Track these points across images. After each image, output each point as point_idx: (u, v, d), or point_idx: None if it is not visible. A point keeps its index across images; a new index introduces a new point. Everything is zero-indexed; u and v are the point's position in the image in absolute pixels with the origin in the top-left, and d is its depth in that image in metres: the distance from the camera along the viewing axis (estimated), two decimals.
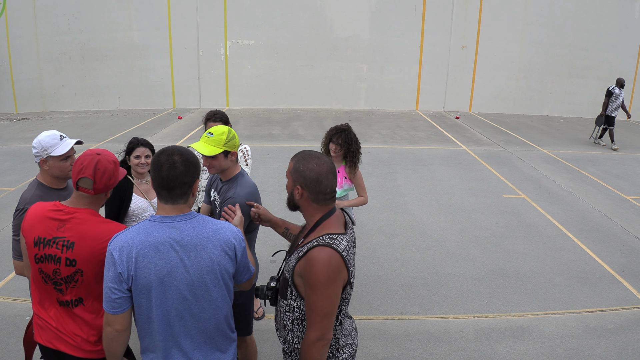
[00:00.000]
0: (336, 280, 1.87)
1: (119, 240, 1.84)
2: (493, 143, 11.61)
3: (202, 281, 1.87)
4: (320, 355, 1.90)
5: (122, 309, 1.84)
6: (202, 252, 1.86)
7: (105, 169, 2.08)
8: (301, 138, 11.39)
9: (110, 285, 1.81)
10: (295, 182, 1.99)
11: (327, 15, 16.13)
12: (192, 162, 1.90)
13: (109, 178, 2.10)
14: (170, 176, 1.85)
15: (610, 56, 16.47)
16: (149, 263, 1.80)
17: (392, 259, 5.33)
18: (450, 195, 7.52)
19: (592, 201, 7.47)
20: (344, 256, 1.90)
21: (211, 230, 1.90)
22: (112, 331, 1.87)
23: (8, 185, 7.63)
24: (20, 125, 13.61)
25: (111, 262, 1.82)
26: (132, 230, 1.86)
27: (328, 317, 1.89)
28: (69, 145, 2.62)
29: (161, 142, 10.65)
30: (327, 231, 1.95)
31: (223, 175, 2.84)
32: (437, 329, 4.08)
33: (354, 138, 4.10)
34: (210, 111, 3.93)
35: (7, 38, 15.68)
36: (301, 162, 1.99)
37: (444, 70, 16.65)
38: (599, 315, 4.35)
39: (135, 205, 3.34)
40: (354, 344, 2.14)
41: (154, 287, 1.82)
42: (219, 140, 2.66)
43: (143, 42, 15.98)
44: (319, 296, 1.86)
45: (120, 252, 1.80)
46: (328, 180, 1.97)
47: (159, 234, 1.83)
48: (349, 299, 2.03)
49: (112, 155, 2.17)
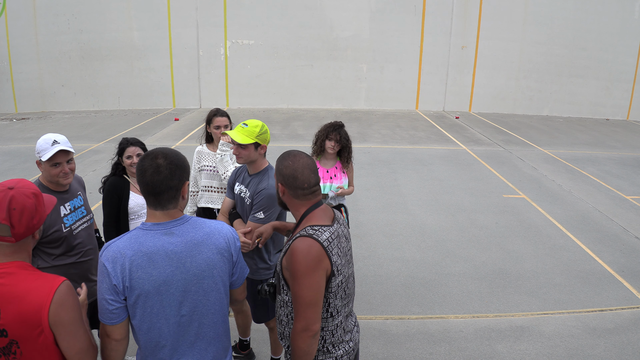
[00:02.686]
0: (316, 270, 1.89)
1: (111, 251, 1.75)
2: (493, 143, 11.61)
3: (200, 286, 1.83)
4: (306, 346, 1.91)
5: (120, 318, 1.78)
6: (198, 257, 1.81)
7: (24, 206, 1.63)
8: (301, 138, 11.38)
9: (106, 297, 1.74)
10: (277, 180, 2.09)
11: (327, 15, 16.13)
12: (177, 164, 1.80)
13: (31, 217, 1.65)
14: (155, 181, 1.75)
15: (609, 56, 16.48)
16: (144, 274, 1.74)
17: (392, 259, 5.33)
18: (450, 195, 7.52)
19: (592, 201, 7.47)
20: (325, 246, 1.92)
21: (205, 234, 1.85)
22: (111, 342, 1.80)
23: None
24: (20, 125, 13.61)
25: (105, 274, 1.74)
26: (123, 239, 1.78)
27: (311, 307, 1.89)
28: (52, 152, 2.54)
29: (161, 142, 10.66)
30: (309, 223, 2.00)
31: (251, 168, 2.93)
32: (437, 328, 4.08)
33: (347, 134, 4.24)
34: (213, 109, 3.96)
35: (7, 38, 15.69)
36: (279, 162, 2.09)
37: (444, 70, 16.65)
38: (599, 315, 4.35)
39: (134, 203, 3.38)
40: (352, 342, 2.13)
41: (150, 297, 1.76)
42: (252, 132, 2.80)
43: (143, 42, 15.99)
44: (300, 286, 1.88)
45: (114, 264, 1.73)
46: (304, 175, 2.02)
47: (152, 243, 1.76)
48: (336, 291, 2.00)
49: (30, 185, 1.70)
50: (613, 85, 16.80)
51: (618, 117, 17.01)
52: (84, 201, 2.86)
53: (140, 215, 3.43)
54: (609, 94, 16.88)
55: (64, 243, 2.66)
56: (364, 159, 9.41)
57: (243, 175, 3.03)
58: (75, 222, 2.74)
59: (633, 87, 16.81)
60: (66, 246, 2.67)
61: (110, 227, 3.33)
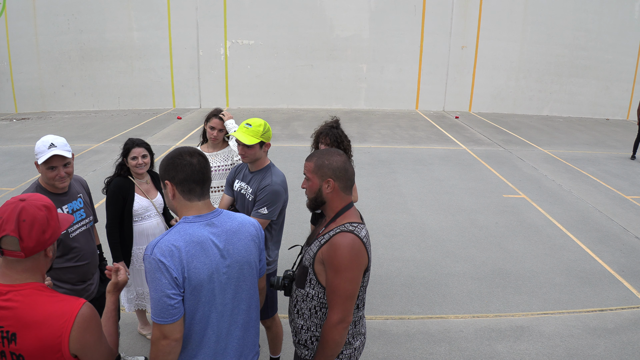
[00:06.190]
0: (358, 264, 1.99)
1: (163, 245, 1.73)
2: (493, 143, 11.61)
3: (242, 273, 1.90)
4: (340, 337, 1.99)
5: (179, 314, 1.75)
6: (238, 244, 1.89)
7: (34, 218, 1.52)
8: (301, 138, 11.38)
9: (167, 292, 1.71)
10: (324, 176, 2.09)
11: (327, 15, 16.13)
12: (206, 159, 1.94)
13: (42, 231, 1.54)
14: (203, 169, 1.86)
15: (609, 56, 16.48)
16: (199, 262, 1.77)
17: (392, 259, 5.33)
18: (450, 195, 7.52)
19: (592, 201, 7.47)
20: (365, 242, 2.02)
21: (239, 223, 1.93)
22: (170, 343, 1.72)
23: (8, 185, 7.63)
24: (20, 125, 13.61)
25: (163, 270, 1.70)
26: (171, 233, 1.78)
27: (350, 300, 1.98)
28: (47, 155, 2.53)
29: (161, 142, 10.65)
30: (348, 220, 2.07)
31: (254, 165, 2.96)
32: (437, 328, 4.08)
33: (342, 134, 3.98)
34: (216, 108, 3.96)
35: (7, 38, 15.69)
36: (324, 158, 2.11)
37: (444, 70, 16.65)
38: (599, 315, 4.35)
39: (138, 205, 3.35)
40: (364, 335, 2.24)
41: (204, 286, 1.79)
42: (256, 131, 2.84)
43: (143, 42, 15.99)
44: (342, 279, 1.95)
45: (171, 257, 1.72)
46: (351, 168, 2.14)
47: (200, 233, 1.81)
48: (366, 285, 2.12)
49: (43, 198, 1.61)
50: (613, 85, 16.80)
51: (618, 117, 17.02)
52: (84, 203, 2.83)
53: (144, 218, 3.40)
54: (609, 94, 16.88)
55: (60, 246, 2.63)
56: (364, 159, 9.41)
57: (243, 172, 3.05)
58: (73, 225, 2.70)
59: (633, 87, 16.81)
60: (62, 249, 2.64)
61: (113, 228, 3.28)
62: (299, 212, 6.19)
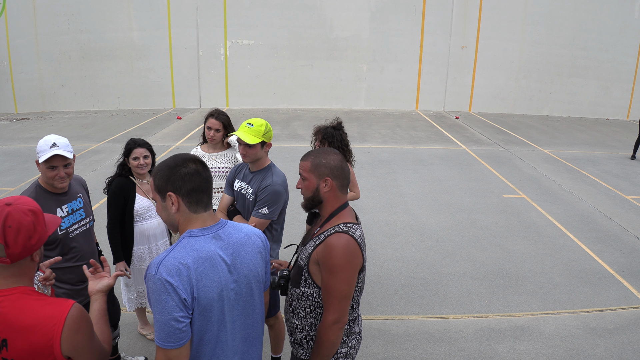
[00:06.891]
0: (353, 265, 1.99)
1: (169, 264, 1.59)
2: (493, 143, 11.61)
3: (249, 287, 1.80)
4: (336, 338, 2.00)
5: (187, 338, 1.61)
6: (245, 258, 1.78)
7: (20, 224, 1.49)
8: (301, 138, 11.38)
9: (174, 315, 1.56)
10: (322, 175, 2.07)
11: (327, 15, 16.13)
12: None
13: (28, 236, 1.51)
14: (209, 177, 1.74)
15: (609, 56, 16.49)
16: (208, 281, 1.64)
17: (392, 259, 5.33)
18: (450, 195, 7.52)
19: (592, 201, 7.47)
20: (360, 243, 2.02)
21: (245, 235, 1.82)
22: None
23: (8, 185, 7.63)
24: (20, 125, 13.61)
25: (170, 291, 1.56)
26: (176, 250, 1.64)
27: (345, 300, 1.98)
28: (48, 155, 2.53)
29: (161, 142, 10.66)
30: (342, 220, 2.07)
31: (254, 165, 2.97)
32: (437, 328, 4.08)
33: (337, 136, 3.89)
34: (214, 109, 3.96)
35: (7, 38, 15.69)
36: (320, 157, 2.10)
37: (444, 70, 16.65)
38: (599, 315, 4.35)
39: (140, 205, 3.34)
40: (359, 334, 2.24)
41: (213, 304, 1.66)
42: (258, 131, 2.86)
43: (143, 42, 15.99)
44: (337, 279, 1.96)
45: (179, 277, 1.57)
46: (347, 166, 2.13)
47: (207, 248, 1.67)
48: (361, 285, 2.12)
49: (29, 202, 1.57)
50: (613, 85, 16.81)
51: (618, 117, 17.02)
52: (83, 203, 2.82)
53: (145, 218, 3.40)
54: (609, 94, 16.89)
55: (59, 246, 2.62)
56: (364, 159, 9.41)
57: (244, 172, 3.05)
58: (73, 225, 2.70)
59: (633, 87, 16.82)
60: (61, 249, 2.63)
61: (114, 228, 3.27)
62: (299, 212, 6.18)
